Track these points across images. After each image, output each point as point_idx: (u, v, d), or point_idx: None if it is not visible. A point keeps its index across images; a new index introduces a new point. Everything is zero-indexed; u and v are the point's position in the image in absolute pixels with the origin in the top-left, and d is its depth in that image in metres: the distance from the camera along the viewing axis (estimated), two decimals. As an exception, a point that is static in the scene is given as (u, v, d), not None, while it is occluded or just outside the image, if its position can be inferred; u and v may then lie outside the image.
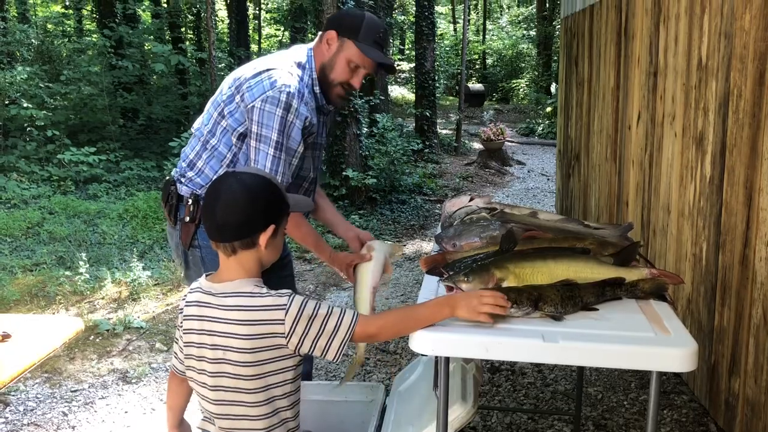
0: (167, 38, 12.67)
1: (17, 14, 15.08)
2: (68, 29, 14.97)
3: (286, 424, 1.64)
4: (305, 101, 2.16)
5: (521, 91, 22.09)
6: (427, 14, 11.63)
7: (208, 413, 1.66)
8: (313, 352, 1.56)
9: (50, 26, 14.53)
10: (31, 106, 9.00)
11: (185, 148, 2.38)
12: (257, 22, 19.30)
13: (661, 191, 3.47)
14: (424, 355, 1.61)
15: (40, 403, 3.32)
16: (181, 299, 1.73)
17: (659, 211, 3.50)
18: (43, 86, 9.72)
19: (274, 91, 2.08)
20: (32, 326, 2.29)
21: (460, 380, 1.99)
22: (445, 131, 13.86)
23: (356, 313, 1.60)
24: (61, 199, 7.43)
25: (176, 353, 1.75)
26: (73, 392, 3.42)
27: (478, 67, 24.98)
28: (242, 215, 1.57)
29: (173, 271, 5.10)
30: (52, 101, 9.67)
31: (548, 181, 9.82)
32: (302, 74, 2.19)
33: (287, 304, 1.53)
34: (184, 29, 13.83)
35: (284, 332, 1.53)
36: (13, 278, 5.04)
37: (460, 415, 1.85)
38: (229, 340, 1.55)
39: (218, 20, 17.01)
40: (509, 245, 1.85)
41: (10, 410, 3.24)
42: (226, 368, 1.57)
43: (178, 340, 1.73)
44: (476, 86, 20.33)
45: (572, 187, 6.13)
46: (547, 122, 14.69)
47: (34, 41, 11.78)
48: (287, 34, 17.31)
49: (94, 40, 11.89)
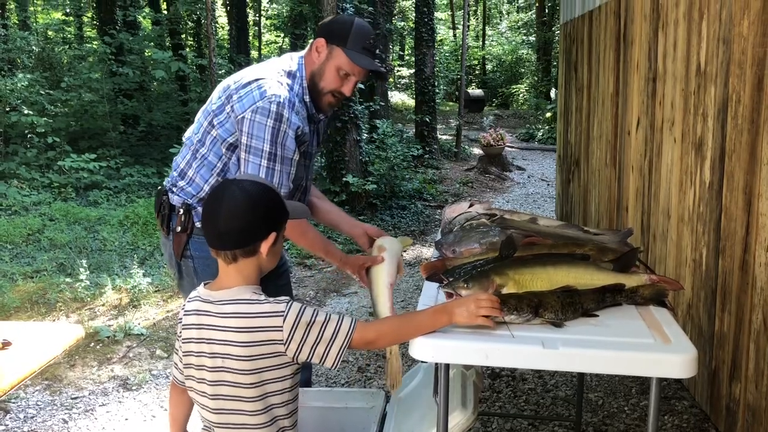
0: (167, 45, 12.70)
1: (18, 21, 15.13)
2: (69, 36, 15.03)
3: None
4: (296, 110, 2.13)
5: (521, 96, 22.13)
6: (426, 20, 11.66)
7: (207, 422, 1.65)
8: (311, 358, 1.56)
9: (51, 33, 14.60)
10: (31, 112, 9.01)
11: (176, 157, 2.36)
12: (257, 28, 19.35)
13: (660, 197, 3.47)
14: (424, 361, 1.61)
15: (40, 410, 3.31)
16: (180, 307, 1.73)
17: (659, 216, 3.50)
18: (43, 93, 9.74)
19: (264, 101, 2.05)
20: (33, 333, 2.29)
21: (460, 386, 1.99)
22: (445, 137, 13.88)
23: (354, 319, 1.60)
24: (61, 205, 7.43)
25: (176, 363, 1.74)
26: (73, 399, 3.42)
27: (477, 72, 25.02)
28: (245, 223, 1.57)
29: (173, 277, 5.09)
30: (52, 108, 9.68)
31: (548, 186, 9.83)
32: (292, 83, 2.17)
33: (285, 310, 1.53)
34: (184, 36, 13.87)
35: (282, 339, 1.52)
36: (13, 285, 5.04)
37: (460, 421, 1.85)
38: (227, 347, 1.55)
39: (218, 27, 17.05)
40: (509, 251, 1.85)
41: (10, 417, 3.23)
42: (225, 376, 1.57)
43: (177, 350, 1.72)
44: (476, 92, 20.37)
45: (572, 192, 6.13)
46: (546, 128, 14.71)
47: (34, 48, 11.82)
48: (287, 40, 17.34)
49: (94, 46, 11.93)
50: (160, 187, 2.37)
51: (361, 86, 8.70)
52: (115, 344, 4.08)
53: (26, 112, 9.00)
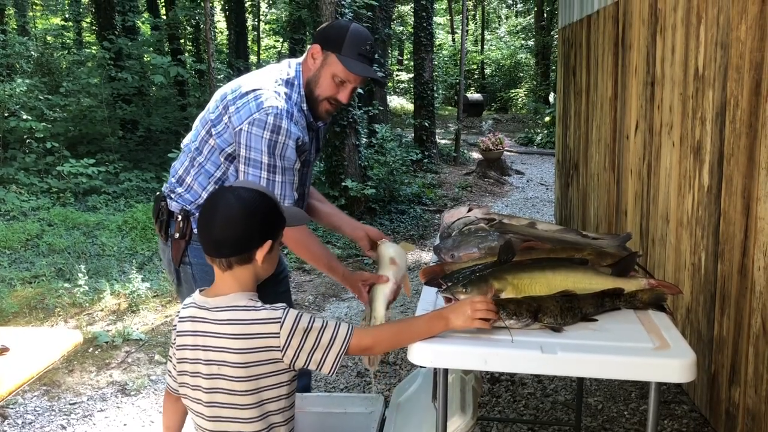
0: (166, 50, 12.70)
1: (17, 27, 15.15)
2: (68, 41, 15.03)
3: None
4: (295, 120, 2.11)
5: (520, 100, 22.15)
6: (425, 25, 11.68)
7: (202, 430, 1.64)
8: (308, 365, 1.55)
9: (50, 38, 14.61)
10: (30, 118, 9.01)
11: (175, 163, 2.35)
12: (256, 33, 19.38)
13: (659, 200, 3.48)
14: (423, 366, 1.61)
15: (38, 416, 3.31)
16: (176, 314, 1.72)
17: (658, 220, 3.51)
18: (42, 98, 9.74)
19: (260, 113, 2.03)
20: (31, 339, 2.28)
21: (459, 391, 1.98)
22: (444, 141, 13.89)
23: (351, 326, 1.59)
24: (60, 210, 7.42)
25: (170, 371, 1.73)
26: (71, 405, 3.41)
27: (476, 77, 25.05)
28: (240, 231, 1.56)
29: (172, 283, 5.09)
30: (51, 113, 9.68)
31: (547, 190, 9.83)
32: (290, 92, 2.14)
33: (282, 317, 1.53)
34: (183, 41, 13.88)
35: (280, 346, 1.52)
36: (12, 290, 5.03)
37: (459, 426, 1.85)
38: (223, 354, 1.54)
39: (217, 32, 17.07)
40: (507, 256, 1.85)
41: (8, 423, 3.22)
42: (220, 383, 1.56)
43: (171, 357, 1.70)
44: (475, 96, 20.38)
45: (571, 196, 6.13)
46: (545, 132, 14.71)
47: (33, 53, 11.83)
48: (286, 45, 17.37)
49: (93, 52, 11.95)
50: (158, 192, 2.36)
51: (360, 91, 8.71)
52: (113, 349, 4.07)
53: (25, 117, 8.99)
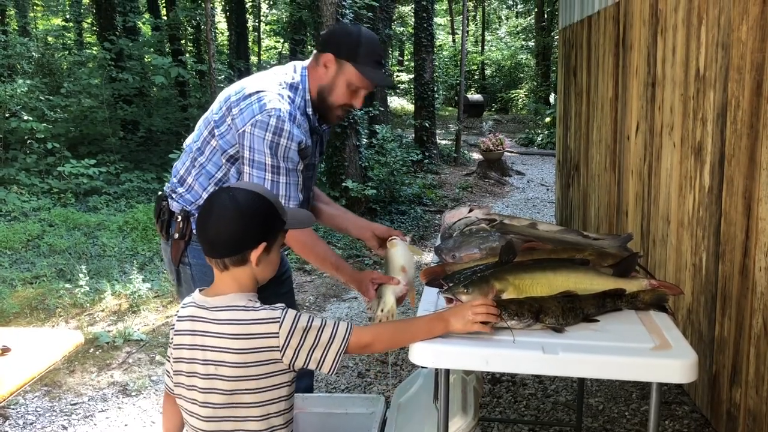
0: (167, 51, 12.71)
1: (18, 27, 15.15)
2: (68, 42, 15.03)
3: None
4: (298, 123, 2.10)
5: (520, 101, 22.15)
6: (426, 26, 11.68)
7: (194, 429, 1.63)
8: (308, 364, 1.55)
9: (51, 39, 14.61)
10: (31, 118, 9.01)
11: (176, 163, 2.36)
12: (257, 34, 19.38)
13: (660, 201, 3.48)
14: (424, 367, 1.61)
15: (39, 416, 3.31)
16: (176, 314, 1.72)
17: (659, 221, 3.51)
18: (43, 99, 9.75)
19: (263, 115, 2.03)
20: (32, 339, 2.28)
21: (460, 392, 1.98)
22: (444, 142, 13.89)
23: (350, 324, 1.59)
24: (61, 211, 7.43)
25: (168, 371, 1.72)
26: (72, 405, 3.41)
27: (476, 77, 25.05)
28: (232, 232, 1.56)
29: (172, 283, 5.09)
30: (52, 114, 9.68)
31: (548, 191, 9.83)
32: (294, 96, 2.14)
33: (281, 317, 1.53)
34: (184, 42, 13.87)
35: (279, 345, 1.51)
36: (13, 291, 5.03)
37: (460, 427, 1.85)
38: (222, 354, 1.53)
39: (218, 32, 17.07)
40: (509, 256, 1.85)
41: (9, 424, 3.22)
42: (217, 384, 1.55)
43: (169, 356, 1.70)
44: (475, 97, 20.38)
45: (572, 197, 6.13)
46: (546, 132, 14.71)
47: (34, 54, 11.83)
48: (287, 46, 17.37)
49: (94, 52, 11.95)
50: (160, 192, 2.36)
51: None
52: (114, 350, 4.07)
53: (26, 117, 9.00)
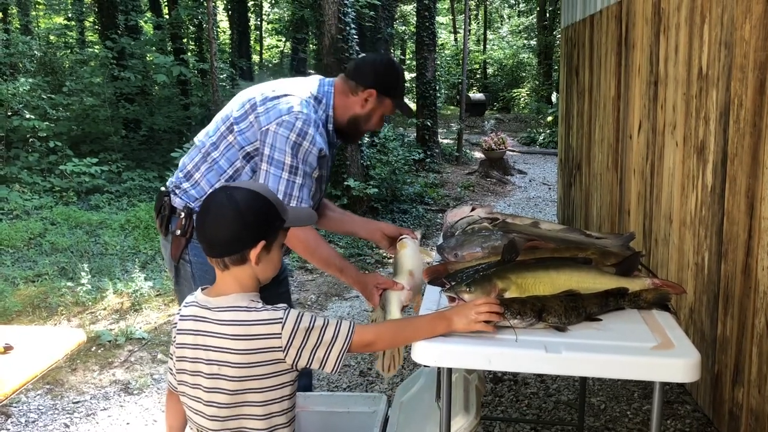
0: (169, 49, 12.71)
1: (20, 26, 15.17)
2: (71, 41, 15.03)
3: None
4: (320, 132, 2.18)
5: (522, 100, 22.14)
6: (428, 24, 11.67)
7: (198, 427, 1.64)
8: (311, 364, 1.55)
9: (53, 38, 14.61)
10: (33, 117, 9.02)
11: (183, 158, 2.36)
12: (259, 32, 19.39)
13: (662, 200, 3.47)
14: (426, 365, 1.61)
15: (41, 414, 3.31)
16: (177, 312, 1.72)
17: (661, 220, 3.50)
18: (45, 97, 9.75)
19: (290, 116, 2.09)
20: (34, 338, 2.29)
21: (462, 391, 1.98)
22: (446, 141, 13.88)
23: (352, 323, 1.59)
24: (63, 209, 7.43)
25: (170, 369, 1.72)
26: (74, 404, 3.42)
27: (478, 76, 25.05)
28: (229, 231, 1.55)
29: (172, 280, 5.10)
30: (54, 112, 9.69)
31: (550, 190, 9.82)
32: (317, 107, 2.21)
33: (283, 317, 1.53)
34: (185, 40, 13.87)
35: (281, 346, 1.52)
36: (15, 289, 5.04)
37: (462, 426, 1.84)
38: (225, 355, 1.54)
39: (220, 31, 17.08)
40: (511, 255, 1.85)
41: (11, 422, 3.23)
42: (221, 383, 1.55)
43: (172, 355, 1.70)
44: (477, 96, 20.37)
45: (574, 196, 6.13)
46: (548, 131, 14.71)
47: (36, 53, 11.84)
48: (288, 44, 17.38)
49: (96, 51, 11.94)
50: (162, 188, 2.36)
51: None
52: (116, 348, 4.07)
53: (28, 116, 9.01)
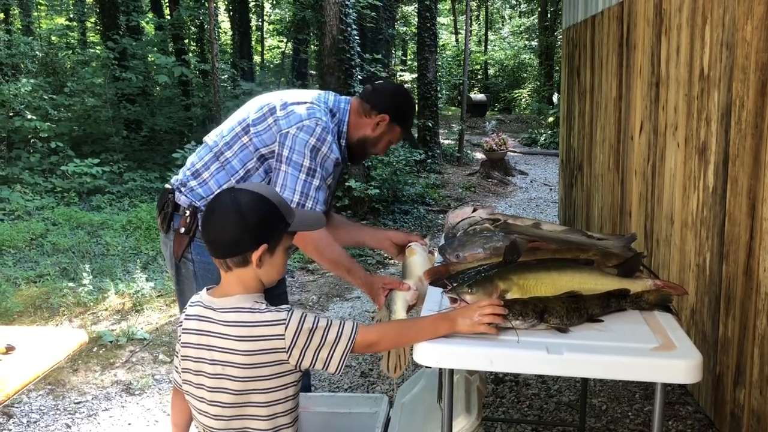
0: (170, 50, 12.73)
1: (22, 27, 15.18)
2: (72, 41, 15.06)
3: None
4: (335, 142, 2.23)
5: (523, 101, 22.14)
6: (429, 25, 11.68)
7: (203, 426, 1.64)
8: (314, 364, 1.56)
9: (54, 38, 14.64)
10: (35, 117, 9.03)
11: (191, 156, 2.36)
12: (260, 33, 19.40)
13: (664, 201, 3.47)
14: (428, 367, 1.61)
15: (43, 415, 3.31)
16: (183, 312, 1.73)
17: (662, 221, 3.50)
18: (47, 98, 9.77)
19: (310, 121, 2.14)
20: (36, 338, 2.29)
21: (464, 392, 1.98)
22: (447, 141, 13.88)
23: (356, 322, 1.60)
24: (64, 210, 7.44)
25: (176, 367, 1.74)
26: (76, 404, 3.42)
27: (480, 77, 25.04)
28: (230, 233, 1.56)
29: (171, 278, 5.10)
30: (56, 113, 9.70)
31: (551, 191, 9.82)
32: (332, 123, 2.26)
33: (287, 318, 1.53)
34: (187, 41, 13.89)
35: (285, 347, 1.52)
36: (16, 290, 5.04)
37: (464, 426, 1.85)
38: (228, 355, 1.54)
39: (221, 32, 17.09)
40: (513, 256, 1.84)
41: (13, 422, 3.23)
42: (225, 383, 1.56)
43: (177, 353, 1.71)
44: (478, 96, 20.37)
45: (575, 196, 6.13)
46: (549, 132, 14.70)
47: (38, 53, 11.85)
48: (290, 45, 17.39)
49: (97, 52, 11.96)
50: (167, 185, 2.36)
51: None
52: (118, 349, 4.08)
53: (29, 117, 9.02)
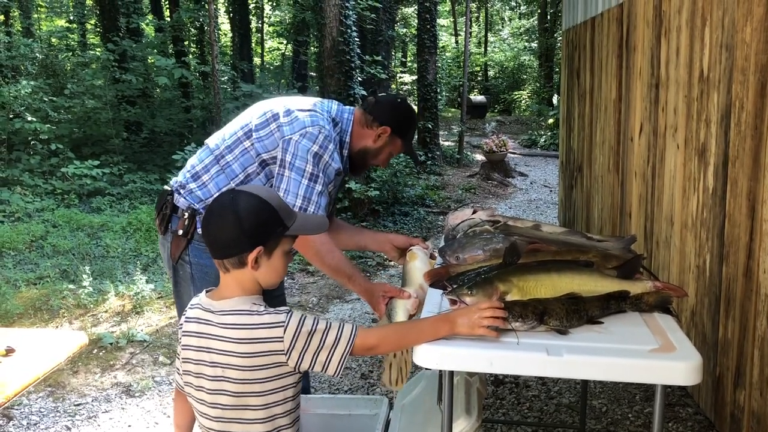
0: (170, 52, 12.74)
1: (22, 29, 15.19)
2: (72, 43, 15.07)
3: None
4: (336, 151, 2.24)
5: (523, 102, 22.14)
6: (429, 27, 11.69)
7: (205, 429, 1.65)
8: (313, 367, 1.56)
9: (54, 40, 14.66)
10: (35, 119, 9.04)
11: (191, 159, 2.36)
12: (260, 35, 19.41)
13: (664, 203, 3.47)
14: (427, 368, 1.61)
15: (43, 417, 3.31)
16: (180, 314, 1.73)
17: (662, 222, 3.50)
18: (47, 100, 9.77)
19: (314, 128, 2.17)
20: (36, 340, 2.29)
21: (464, 393, 1.98)
22: (447, 143, 13.88)
23: (355, 326, 1.60)
24: (64, 212, 7.44)
25: (178, 368, 1.74)
26: (76, 406, 3.42)
27: (480, 78, 25.05)
28: (227, 234, 1.56)
29: (169, 280, 5.10)
30: (56, 115, 9.70)
31: (551, 192, 9.82)
32: (334, 132, 2.28)
33: (285, 321, 1.53)
34: (187, 43, 13.90)
35: (284, 349, 1.52)
36: (16, 292, 5.04)
37: (464, 428, 1.85)
38: (228, 358, 1.55)
39: (221, 34, 17.10)
40: (513, 258, 1.85)
41: (13, 424, 3.23)
42: (225, 386, 1.56)
43: (178, 355, 1.72)
44: (478, 98, 20.37)
45: (575, 198, 6.13)
46: (549, 134, 14.70)
47: (38, 55, 11.86)
48: (290, 47, 17.39)
49: (97, 53, 11.97)
50: (166, 187, 2.36)
51: (363, 92, 8.73)
52: (118, 351, 4.08)
53: (30, 118, 9.02)
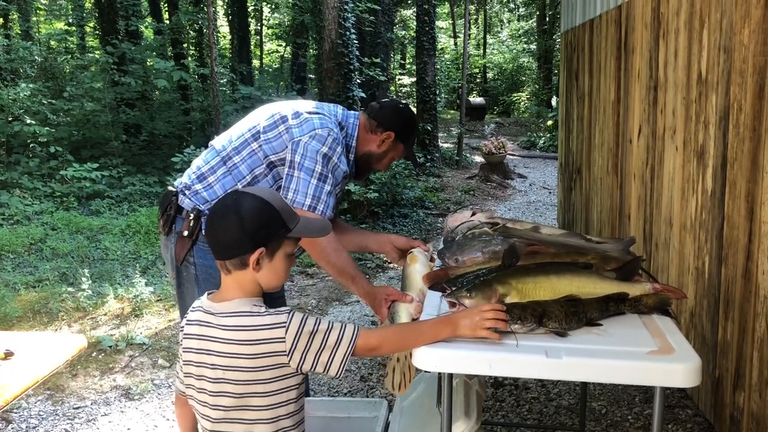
0: (169, 54, 12.75)
1: (21, 31, 15.19)
2: (71, 46, 15.09)
3: None
4: (343, 154, 2.28)
5: (522, 104, 22.16)
6: (427, 29, 11.70)
7: (208, 431, 1.65)
8: (315, 367, 1.55)
9: (53, 43, 14.66)
10: (34, 122, 9.03)
11: (196, 160, 2.36)
12: (259, 37, 19.43)
13: (662, 205, 3.48)
14: (427, 371, 1.61)
15: (42, 420, 3.31)
16: (183, 315, 1.73)
17: (661, 224, 3.50)
18: (46, 103, 9.76)
19: (323, 130, 2.19)
20: (35, 343, 2.28)
21: (463, 396, 1.98)
22: (446, 145, 13.89)
23: (357, 326, 1.59)
24: (63, 215, 7.43)
25: (178, 372, 1.74)
26: (75, 409, 3.42)
27: (478, 80, 25.06)
28: (229, 235, 1.57)
29: (172, 282, 5.09)
30: (55, 117, 9.69)
31: (550, 194, 9.83)
32: (341, 135, 2.31)
33: (287, 321, 1.53)
34: (186, 45, 13.91)
35: (285, 350, 1.52)
36: (15, 295, 5.04)
37: (463, 431, 1.84)
38: (229, 360, 1.54)
39: (220, 36, 17.10)
40: (512, 260, 1.85)
41: (12, 428, 3.23)
42: (227, 387, 1.56)
43: (179, 358, 1.72)
44: (477, 100, 20.38)
45: (574, 200, 6.13)
46: (548, 135, 14.72)
47: (37, 58, 11.86)
48: (289, 49, 17.41)
49: (96, 56, 11.98)
50: (171, 187, 2.36)
51: (362, 94, 8.73)
52: (117, 354, 4.07)
53: (29, 121, 9.02)
